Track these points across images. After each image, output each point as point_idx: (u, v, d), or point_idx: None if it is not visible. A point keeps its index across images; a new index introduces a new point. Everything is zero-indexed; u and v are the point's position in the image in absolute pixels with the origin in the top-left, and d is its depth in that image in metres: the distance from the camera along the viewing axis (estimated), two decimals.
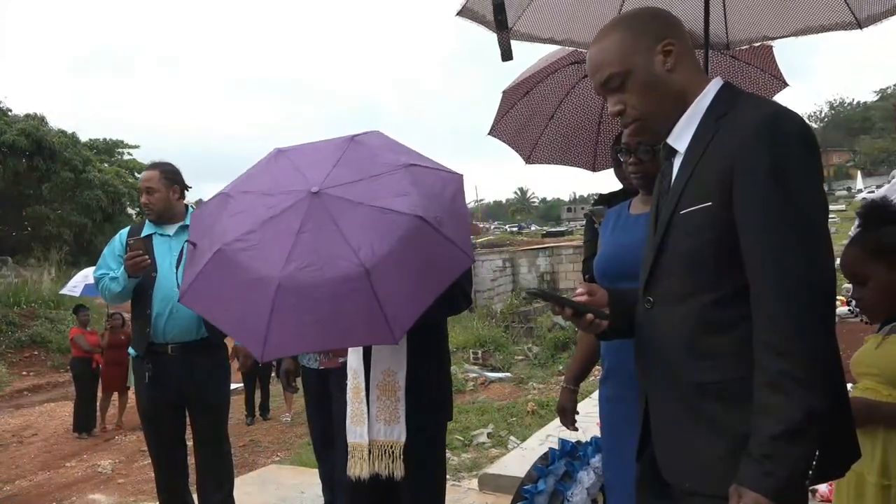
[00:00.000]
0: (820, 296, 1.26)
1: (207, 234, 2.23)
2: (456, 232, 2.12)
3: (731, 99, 1.43)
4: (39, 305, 18.73)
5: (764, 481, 1.20)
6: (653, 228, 1.55)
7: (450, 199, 2.19)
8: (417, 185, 2.16)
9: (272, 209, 2.13)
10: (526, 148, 3.97)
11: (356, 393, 2.55)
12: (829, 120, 76.98)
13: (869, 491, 1.90)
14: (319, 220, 2.05)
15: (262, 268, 2.02)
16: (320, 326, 1.99)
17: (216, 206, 2.31)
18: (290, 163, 2.32)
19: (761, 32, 2.98)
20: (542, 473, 3.00)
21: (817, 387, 1.22)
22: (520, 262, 20.85)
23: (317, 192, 2.10)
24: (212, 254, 2.12)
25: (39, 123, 26.57)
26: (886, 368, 1.92)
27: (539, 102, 3.79)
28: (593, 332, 1.58)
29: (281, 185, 2.21)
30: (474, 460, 6.20)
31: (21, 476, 8.10)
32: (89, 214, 27.47)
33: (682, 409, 1.42)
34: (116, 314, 10.81)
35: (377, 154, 2.29)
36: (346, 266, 1.95)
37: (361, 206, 2.08)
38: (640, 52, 1.46)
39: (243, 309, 2.05)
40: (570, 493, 2.90)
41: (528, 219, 66.97)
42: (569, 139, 3.94)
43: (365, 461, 2.49)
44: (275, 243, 2.05)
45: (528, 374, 12.25)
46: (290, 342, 2.06)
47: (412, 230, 2.03)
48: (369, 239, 2.00)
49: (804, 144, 1.31)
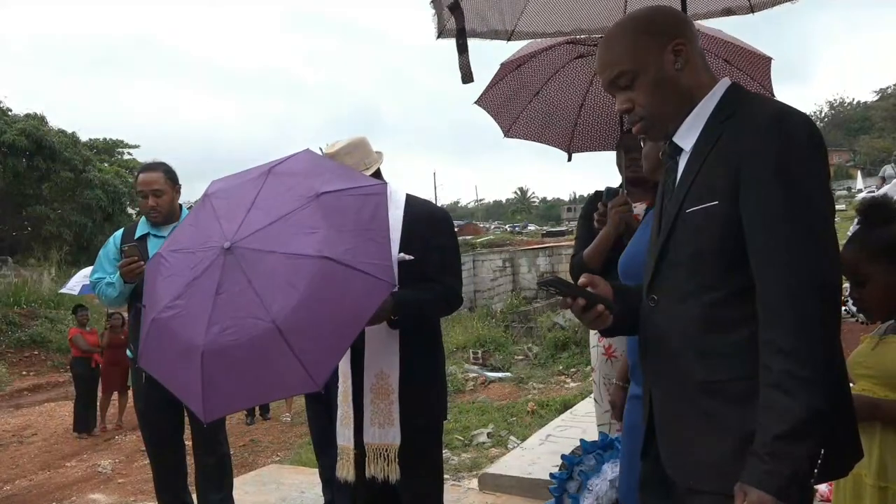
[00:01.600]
0: (826, 295, 1.25)
1: (150, 299, 2.32)
2: (373, 257, 2.11)
3: (738, 99, 1.44)
4: (39, 305, 18.75)
5: (768, 480, 1.20)
6: (657, 227, 1.55)
7: (368, 220, 2.17)
8: (329, 216, 2.15)
9: (195, 269, 2.18)
10: (507, 120, 3.97)
11: (345, 396, 2.56)
12: (830, 120, 76.98)
13: (867, 492, 1.90)
14: (234, 278, 2.10)
15: (188, 335, 2.09)
16: (248, 385, 2.07)
17: (153, 268, 2.36)
18: (212, 210, 2.35)
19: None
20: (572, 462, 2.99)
21: (822, 386, 1.22)
22: (520, 261, 20.84)
23: (229, 248, 2.14)
24: (149, 322, 2.22)
25: (39, 123, 26.55)
26: (883, 370, 1.92)
27: (528, 77, 3.80)
28: (600, 327, 1.57)
29: (202, 240, 2.26)
30: (474, 460, 6.20)
31: (21, 476, 8.10)
32: (89, 214, 27.45)
33: (686, 408, 1.43)
34: (116, 314, 10.80)
35: (292, 186, 2.28)
36: (260, 326, 2.00)
37: (273, 255, 2.11)
38: (651, 51, 1.46)
39: (182, 373, 2.13)
40: (590, 483, 2.90)
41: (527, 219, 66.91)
42: (549, 117, 3.95)
43: (351, 464, 2.51)
44: (198, 308, 2.11)
45: (528, 374, 12.25)
46: (224, 403, 2.14)
47: (320, 274, 2.05)
48: (280, 290, 2.04)
49: (811, 143, 1.31)
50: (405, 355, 2.46)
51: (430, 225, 2.55)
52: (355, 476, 2.50)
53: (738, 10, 2.99)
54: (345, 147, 2.58)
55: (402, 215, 2.52)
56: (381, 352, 2.47)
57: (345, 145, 2.59)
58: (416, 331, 2.49)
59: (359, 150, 2.61)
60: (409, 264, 2.43)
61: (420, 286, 2.45)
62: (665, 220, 1.50)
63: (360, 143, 2.63)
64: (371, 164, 2.60)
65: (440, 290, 2.52)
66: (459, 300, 2.63)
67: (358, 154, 2.59)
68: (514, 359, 14.08)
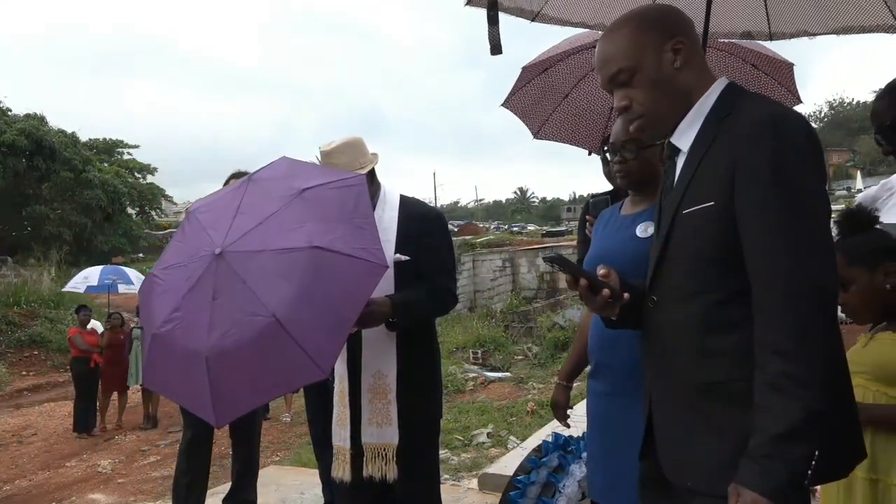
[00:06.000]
0: (821, 296, 1.25)
1: (147, 319, 2.35)
2: (361, 242, 2.14)
3: (735, 99, 1.44)
4: (39, 305, 18.74)
5: (763, 481, 1.20)
6: (657, 227, 1.55)
7: (352, 209, 2.21)
8: (312, 209, 2.19)
9: (189, 280, 2.21)
10: (536, 122, 4.02)
11: (341, 397, 2.57)
12: (829, 120, 76.82)
13: (858, 485, 1.92)
14: (229, 281, 2.13)
15: (190, 343, 2.11)
16: (256, 383, 2.11)
17: (147, 288, 2.39)
18: (199, 223, 2.38)
19: (803, 27, 3.00)
20: (535, 465, 3.06)
21: (818, 387, 1.22)
22: (519, 261, 20.83)
23: (220, 254, 2.17)
24: (150, 339, 2.24)
25: (39, 123, 26.60)
26: (873, 364, 1.95)
27: (556, 80, 3.84)
28: (607, 313, 1.55)
29: (193, 252, 2.29)
30: (474, 460, 6.20)
31: (21, 476, 8.11)
32: (89, 214, 27.50)
33: (685, 409, 1.43)
34: (116, 314, 10.82)
35: (273, 188, 2.32)
36: (260, 321, 2.03)
37: (263, 254, 2.14)
38: (650, 49, 1.46)
39: (189, 383, 2.15)
40: (561, 485, 2.96)
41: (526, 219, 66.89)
42: (580, 119, 3.99)
43: (347, 464, 2.52)
44: (196, 316, 2.13)
45: (527, 374, 12.24)
46: (234, 405, 2.17)
47: (312, 263, 2.08)
48: (276, 285, 2.07)
49: (806, 144, 1.31)
50: (402, 355, 2.48)
51: (424, 225, 2.57)
52: (351, 476, 2.52)
53: (758, 36, 3.06)
54: (339, 146, 2.59)
55: (396, 216, 2.55)
56: (378, 352, 2.48)
57: (339, 144, 2.60)
58: (412, 331, 2.51)
59: (353, 149, 2.62)
60: (405, 264, 2.46)
61: (415, 287, 2.47)
62: (664, 220, 1.50)
63: (355, 142, 2.64)
64: (365, 163, 2.61)
65: (435, 290, 2.54)
66: (455, 299, 2.65)
67: (352, 153, 2.60)
68: (514, 359, 14.06)
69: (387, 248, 2.38)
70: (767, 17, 2.98)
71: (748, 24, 3.00)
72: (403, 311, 2.41)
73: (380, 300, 2.33)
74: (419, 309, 2.50)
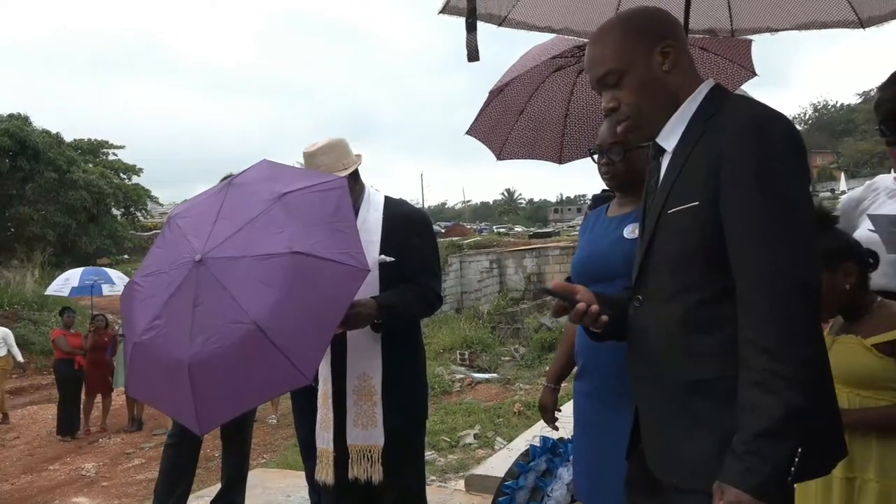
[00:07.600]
0: (805, 294, 1.26)
1: (128, 327, 2.33)
2: (342, 246, 2.14)
3: (721, 100, 1.45)
4: (22, 307, 18.54)
5: (746, 478, 1.20)
6: (641, 227, 1.56)
7: (332, 213, 2.20)
8: (293, 213, 2.19)
9: (170, 287, 2.19)
10: (497, 144, 3.98)
11: (324, 399, 2.57)
12: (813, 122, 77.54)
13: (835, 484, 1.94)
14: (209, 288, 2.11)
15: (172, 351, 2.09)
16: (239, 390, 2.10)
17: (128, 295, 2.37)
18: (179, 230, 2.37)
19: (765, 23, 3.01)
20: (524, 469, 3.05)
21: (801, 385, 1.23)
22: (507, 262, 20.86)
23: (201, 260, 2.15)
24: (132, 347, 2.23)
25: (23, 123, 26.31)
26: (839, 369, 1.95)
27: (511, 98, 3.81)
28: (595, 326, 1.55)
29: (173, 259, 2.27)
30: (461, 461, 6.20)
31: (3, 479, 8.02)
32: (73, 215, 27.22)
33: (671, 407, 1.43)
34: (100, 316, 10.72)
35: (254, 193, 2.31)
36: (242, 329, 2.01)
37: (243, 259, 2.13)
38: (640, 51, 1.47)
39: (172, 391, 2.13)
40: (549, 489, 2.95)
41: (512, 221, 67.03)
42: (537, 133, 3.95)
43: (330, 467, 2.51)
44: (178, 323, 2.12)
45: (514, 375, 12.27)
46: (218, 412, 2.16)
47: (292, 269, 2.07)
48: (257, 292, 2.06)
49: (790, 145, 1.33)
50: (388, 356, 2.48)
51: (408, 226, 2.58)
52: (335, 479, 2.51)
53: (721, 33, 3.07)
54: (322, 147, 2.60)
55: (381, 217, 2.55)
56: (363, 354, 2.48)
57: (323, 145, 2.61)
58: (397, 332, 2.51)
59: (336, 150, 2.62)
60: (389, 265, 2.46)
61: (400, 288, 2.47)
62: (649, 220, 1.51)
63: (339, 143, 2.64)
64: (349, 164, 2.61)
65: (420, 291, 2.54)
66: (439, 300, 2.66)
67: (335, 154, 2.60)
68: (501, 360, 14.09)
69: (371, 249, 2.38)
70: (730, 13, 3.00)
71: (711, 21, 3.01)
72: (388, 313, 2.41)
73: (364, 301, 2.33)
74: (404, 310, 2.50)
